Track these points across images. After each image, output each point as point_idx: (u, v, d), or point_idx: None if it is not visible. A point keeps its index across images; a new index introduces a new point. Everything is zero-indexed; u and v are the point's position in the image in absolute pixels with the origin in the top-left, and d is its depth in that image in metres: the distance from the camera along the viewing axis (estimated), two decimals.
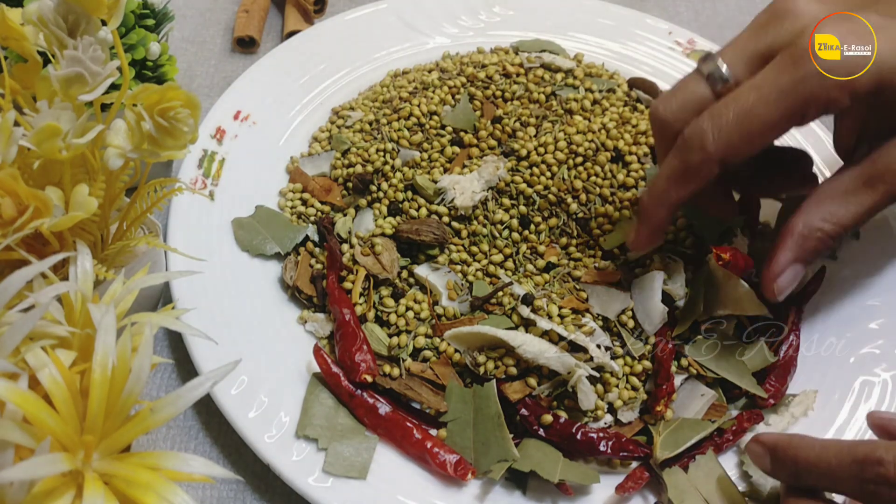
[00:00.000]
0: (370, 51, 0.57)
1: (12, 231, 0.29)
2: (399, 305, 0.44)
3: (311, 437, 0.39)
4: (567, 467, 0.39)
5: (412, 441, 0.39)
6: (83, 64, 0.31)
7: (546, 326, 0.41)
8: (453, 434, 0.40)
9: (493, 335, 0.41)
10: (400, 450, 0.40)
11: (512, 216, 0.47)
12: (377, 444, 0.40)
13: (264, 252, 0.47)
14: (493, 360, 0.41)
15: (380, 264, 0.45)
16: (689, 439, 0.40)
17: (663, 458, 0.39)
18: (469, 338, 0.42)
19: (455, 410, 0.41)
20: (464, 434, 0.40)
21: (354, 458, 0.39)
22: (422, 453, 0.39)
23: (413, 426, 0.40)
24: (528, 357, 0.40)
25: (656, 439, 0.40)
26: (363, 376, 0.41)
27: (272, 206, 0.49)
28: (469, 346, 0.42)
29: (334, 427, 0.40)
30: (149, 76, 0.47)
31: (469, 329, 0.42)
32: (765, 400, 0.42)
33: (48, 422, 0.26)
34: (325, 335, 0.44)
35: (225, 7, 0.64)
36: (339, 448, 0.39)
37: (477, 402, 0.40)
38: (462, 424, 0.40)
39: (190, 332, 0.33)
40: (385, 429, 0.40)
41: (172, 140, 0.32)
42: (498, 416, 0.39)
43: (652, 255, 0.45)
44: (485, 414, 0.40)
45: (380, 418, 0.40)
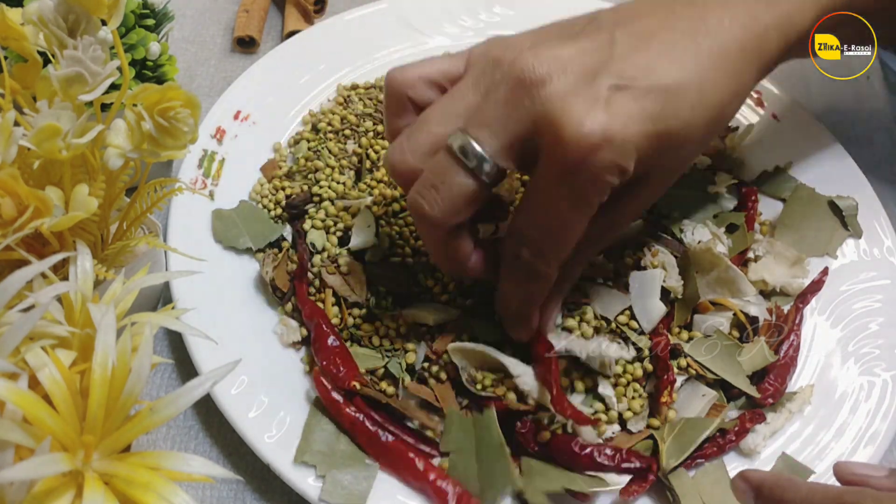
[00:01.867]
0: (370, 51, 0.57)
1: (12, 231, 0.29)
2: (378, 327, 0.43)
3: (310, 463, 0.39)
4: (570, 480, 0.38)
5: (414, 472, 0.38)
6: (83, 64, 0.31)
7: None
8: (456, 464, 0.39)
9: (495, 357, 0.40)
10: (401, 480, 0.39)
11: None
12: (377, 472, 0.39)
13: (237, 245, 0.46)
14: (493, 380, 0.41)
15: (348, 286, 0.44)
16: (693, 441, 0.40)
17: (671, 468, 0.39)
18: (471, 354, 0.41)
19: (457, 440, 0.40)
20: (467, 465, 0.39)
21: (353, 486, 0.38)
22: (423, 485, 0.38)
23: (415, 456, 0.39)
24: (524, 389, 0.40)
25: (662, 448, 0.40)
26: (352, 384, 0.40)
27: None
28: (469, 361, 0.41)
29: (334, 454, 0.39)
30: (149, 76, 0.47)
31: (473, 345, 0.41)
32: (762, 399, 0.42)
33: (48, 422, 0.26)
34: (288, 342, 0.44)
35: (225, 7, 0.64)
36: (338, 476, 0.38)
37: (478, 432, 0.39)
38: (465, 455, 0.39)
39: (190, 332, 0.33)
40: (387, 458, 0.39)
41: (172, 140, 0.32)
42: (500, 446, 0.38)
43: (648, 247, 0.45)
44: (487, 444, 0.39)
45: (381, 446, 0.39)
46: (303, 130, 0.53)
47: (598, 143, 0.32)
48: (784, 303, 0.46)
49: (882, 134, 0.59)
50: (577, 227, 0.35)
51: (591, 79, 0.33)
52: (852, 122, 0.60)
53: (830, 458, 0.41)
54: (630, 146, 0.33)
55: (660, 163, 0.37)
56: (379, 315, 0.44)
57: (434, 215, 0.35)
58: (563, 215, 0.35)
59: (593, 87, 0.33)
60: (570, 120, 0.32)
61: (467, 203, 0.35)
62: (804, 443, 0.42)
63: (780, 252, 0.47)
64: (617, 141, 0.32)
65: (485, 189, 0.35)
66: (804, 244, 0.48)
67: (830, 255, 0.49)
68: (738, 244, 0.47)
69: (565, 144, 0.32)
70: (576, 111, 0.32)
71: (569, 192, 0.34)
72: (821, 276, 0.47)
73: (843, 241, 0.49)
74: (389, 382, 0.42)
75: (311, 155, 0.50)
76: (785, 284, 0.46)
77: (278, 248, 0.47)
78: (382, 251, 0.45)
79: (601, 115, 0.32)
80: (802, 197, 0.50)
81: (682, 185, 0.47)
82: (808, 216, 0.49)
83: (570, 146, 0.32)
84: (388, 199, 0.48)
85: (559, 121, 0.32)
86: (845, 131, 0.59)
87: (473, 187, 0.35)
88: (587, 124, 0.32)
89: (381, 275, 0.44)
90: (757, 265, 0.47)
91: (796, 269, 0.47)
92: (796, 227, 0.49)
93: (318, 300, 0.44)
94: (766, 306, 0.45)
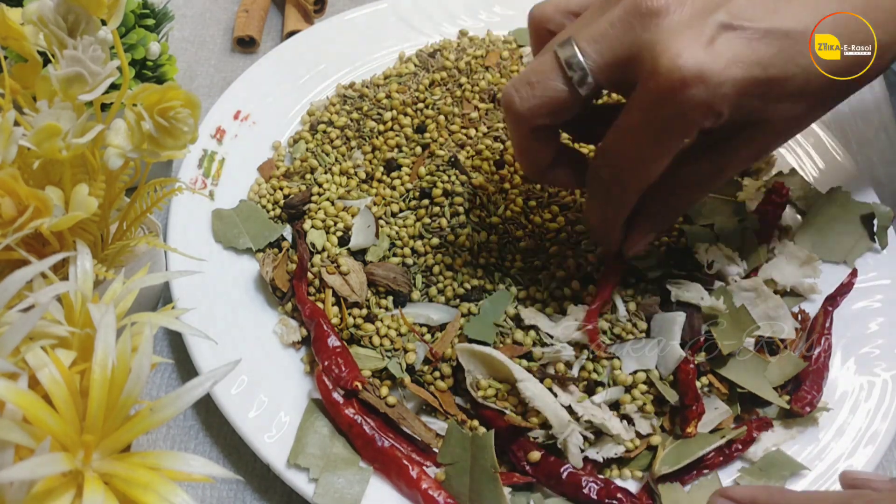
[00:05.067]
0: (370, 51, 0.57)
1: (12, 231, 0.29)
2: (379, 327, 0.43)
3: (303, 466, 0.39)
4: None
5: (407, 479, 0.38)
6: (83, 64, 0.31)
7: (565, 402, 0.40)
8: (451, 477, 0.39)
9: (501, 361, 0.40)
10: (394, 486, 0.39)
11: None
12: (371, 476, 0.39)
13: (236, 245, 0.47)
14: (497, 390, 0.41)
15: (348, 286, 0.44)
16: (692, 454, 0.39)
17: (661, 474, 0.39)
18: (478, 356, 0.41)
19: (453, 454, 0.39)
20: (461, 480, 0.39)
21: (346, 489, 0.38)
22: (415, 493, 0.38)
23: (409, 463, 0.39)
24: (526, 395, 0.39)
25: (659, 453, 0.40)
26: (354, 383, 0.40)
27: None
28: (477, 365, 0.41)
29: (328, 457, 0.39)
30: (149, 76, 0.47)
31: (481, 348, 0.41)
32: (801, 407, 0.42)
33: (48, 422, 0.26)
34: (288, 342, 0.44)
35: (225, 7, 0.64)
36: (332, 479, 0.38)
37: (474, 451, 0.39)
38: (460, 469, 0.39)
39: (190, 332, 0.33)
40: (381, 462, 0.39)
41: (172, 140, 0.32)
42: (493, 469, 0.38)
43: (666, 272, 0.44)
44: (481, 464, 0.39)
45: (377, 451, 0.39)
46: (301, 130, 0.53)
47: (691, 80, 0.31)
48: (791, 304, 0.46)
49: (882, 134, 0.59)
50: (658, 161, 0.35)
51: (706, 14, 0.32)
52: (852, 122, 0.60)
53: (830, 458, 0.41)
54: (728, 89, 0.32)
55: (773, 113, 0.35)
56: (379, 315, 0.44)
57: (520, 110, 0.36)
58: (644, 145, 0.35)
59: (705, 23, 0.32)
60: (669, 52, 0.32)
61: (555, 108, 0.35)
62: (804, 443, 0.42)
63: (792, 252, 0.47)
64: (712, 81, 0.31)
65: (577, 101, 0.35)
66: (824, 248, 0.48)
67: (848, 264, 0.48)
68: (752, 261, 0.46)
69: (658, 75, 0.32)
70: (678, 44, 0.32)
71: (654, 124, 0.33)
72: (850, 279, 0.47)
73: (865, 251, 0.48)
74: (390, 384, 0.42)
75: (309, 155, 0.50)
76: (796, 284, 0.46)
77: (278, 248, 0.47)
78: (382, 251, 0.45)
79: (701, 52, 0.31)
80: (836, 199, 0.49)
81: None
82: (835, 219, 0.48)
83: (661, 77, 0.32)
84: (388, 200, 0.48)
85: (660, 51, 0.32)
86: (845, 131, 0.59)
87: (565, 95, 0.35)
88: (684, 58, 0.31)
89: (381, 275, 0.44)
90: (767, 265, 0.46)
91: (807, 269, 0.46)
92: (819, 228, 0.48)
93: (318, 300, 0.44)
94: (793, 311, 0.45)
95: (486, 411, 0.40)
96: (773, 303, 0.44)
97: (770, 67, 0.33)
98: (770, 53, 0.33)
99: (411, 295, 0.44)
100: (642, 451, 0.41)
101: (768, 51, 0.33)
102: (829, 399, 0.43)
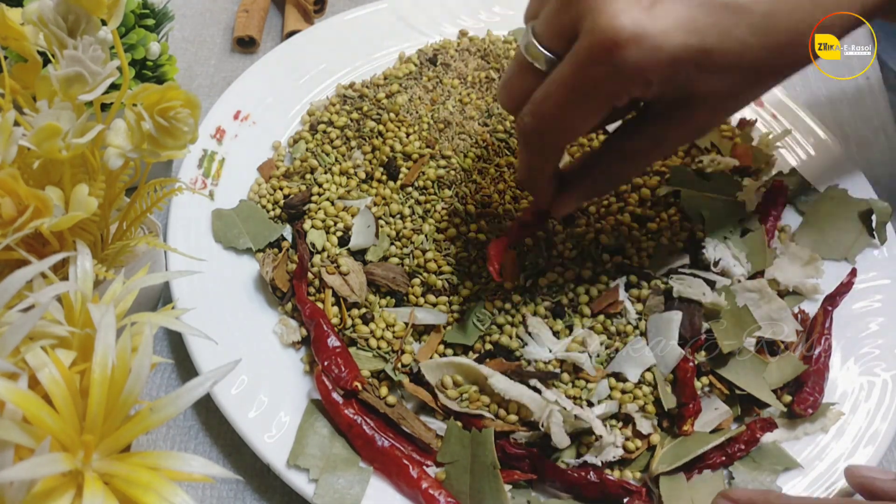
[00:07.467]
0: (370, 51, 0.57)
1: (12, 231, 0.29)
2: (375, 328, 0.43)
3: (303, 466, 0.39)
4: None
5: (407, 479, 0.39)
6: (83, 64, 0.31)
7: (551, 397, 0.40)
8: (451, 477, 0.39)
9: (468, 364, 0.41)
10: (394, 486, 0.39)
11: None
12: (371, 476, 0.39)
13: (236, 245, 0.47)
14: (468, 393, 0.41)
15: (348, 286, 0.44)
16: (690, 453, 0.40)
17: (658, 472, 0.39)
18: (444, 366, 0.41)
19: (453, 452, 0.40)
20: (461, 479, 0.39)
21: (346, 490, 0.38)
22: (416, 493, 0.38)
23: (409, 463, 0.39)
24: (498, 388, 0.39)
25: (658, 452, 0.40)
26: (353, 384, 0.40)
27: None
28: (444, 373, 0.41)
29: (328, 457, 0.39)
30: (149, 76, 0.47)
31: (449, 359, 0.41)
32: (803, 409, 0.42)
33: (48, 422, 0.26)
34: (288, 342, 0.44)
35: (225, 7, 0.64)
36: (331, 479, 0.39)
37: (474, 448, 0.39)
38: (460, 468, 0.39)
39: (190, 332, 0.33)
40: (381, 462, 0.39)
41: (172, 140, 0.32)
42: (494, 467, 0.38)
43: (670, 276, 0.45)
44: (481, 462, 0.39)
45: (377, 451, 0.39)
46: (301, 130, 0.53)
47: (627, 40, 0.31)
48: (792, 303, 0.46)
49: (882, 134, 0.59)
50: (582, 120, 0.35)
51: None
52: (852, 122, 0.60)
53: (830, 458, 0.41)
54: (662, 55, 0.31)
55: (707, 86, 0.35)
56: (377, 316, 0.44)
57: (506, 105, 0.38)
58: (570, 102, 0.34)
59: None
60: (607, 12, 0.31)
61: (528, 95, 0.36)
62: (804, 442, 0.42)
63: (795, 252, 0.47)
64: (648, 44, 0.31)
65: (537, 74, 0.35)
66: (824, 246, 0.48)
67: (849, 261, 0.48)
68: (757, 264, 0.46)
69: (594, 33, 0.32)
70: (617, 5, 0.31)
71: (583, 82, 0.33)
72: (849, 278, 0.47)
73: (865, 247, 0.48)
74: (390, 384, 0.42)
75: (309, 155, 0.50)
76: (798, 284, 0.46)
77: (278, 248, 0.47)
78: (382, 251, 0.45)
79: (639, 13, 0.31)
80: (833, 197, 0.49)
81: (710, 189, 0.47)
82: (834, 217, 0.49)
83: (598, 35, 0.31)
84: (388, 200, 0.48)
85: (599, 10, 0.32)
86: (845, 131, 0.59)
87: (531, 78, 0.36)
88: (621, 19, 0.31)
89: (381, 275, 0.44)
90: (770, 266, 0.46)
91: (809, 269, 0.46)
92: (819, 227, 0.48)
93: (317, 300, 0.44)
94: (793, 312, 0.45)
95: (465, 417, 0.40)
96: (776, 305, 0.44)
97: (707, 37, 0.32)
98: (708, 23, 0.32)
99: (411, 294, 0.44)
100: (643, 452, 0.41)
101: (706, 20, 0.32)
102: (829, 399, 0.43)
